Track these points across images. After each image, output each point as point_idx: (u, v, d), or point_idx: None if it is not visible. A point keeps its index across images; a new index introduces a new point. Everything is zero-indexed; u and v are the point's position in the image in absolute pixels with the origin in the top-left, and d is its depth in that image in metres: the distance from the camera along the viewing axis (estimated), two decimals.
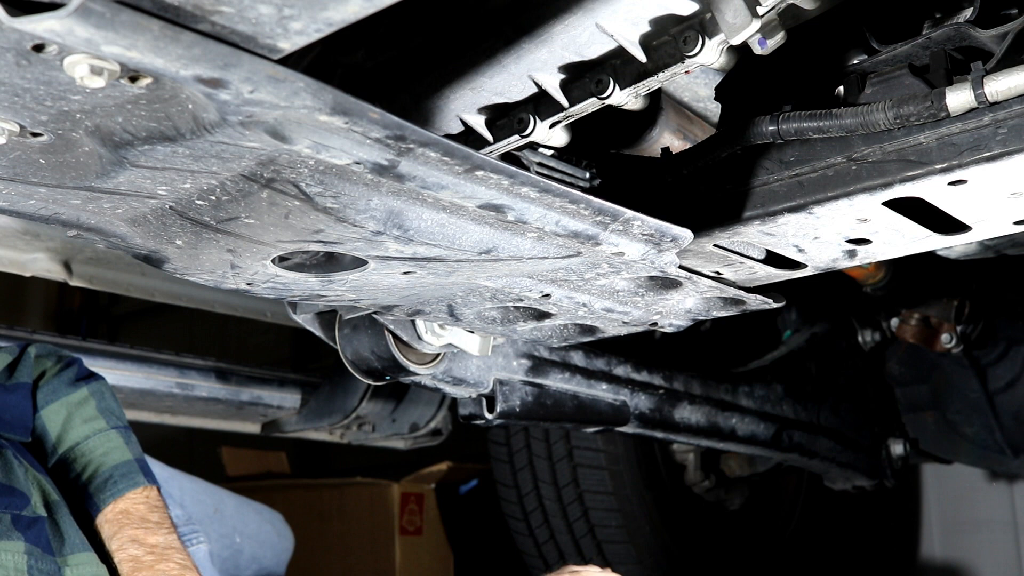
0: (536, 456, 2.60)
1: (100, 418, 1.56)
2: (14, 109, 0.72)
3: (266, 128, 0.72)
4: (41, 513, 1.38)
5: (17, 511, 1.34)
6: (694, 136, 1.38)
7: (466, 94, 1.05)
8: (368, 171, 0.79)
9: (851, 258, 1.21)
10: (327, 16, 0.63)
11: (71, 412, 1.56)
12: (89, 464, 1.51)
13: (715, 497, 2.81)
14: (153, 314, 5.32)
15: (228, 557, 2.13)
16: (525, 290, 1.18)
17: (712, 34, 0.91)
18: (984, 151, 0.97)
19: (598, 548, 2.53)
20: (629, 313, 1.30)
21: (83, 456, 1.52)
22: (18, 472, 1.40)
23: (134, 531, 1.46)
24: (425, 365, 1.48)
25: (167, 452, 2.34)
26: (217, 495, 2.19)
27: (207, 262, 1.03)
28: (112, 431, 1.56)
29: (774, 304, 1.31)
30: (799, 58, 1.12)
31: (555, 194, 0.90)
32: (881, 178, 1.03)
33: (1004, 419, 2.64)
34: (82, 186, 0.86)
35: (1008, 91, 0.93)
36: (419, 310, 1.28)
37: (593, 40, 0.95)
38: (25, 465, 1.44)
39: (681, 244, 1.05)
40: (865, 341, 2.77)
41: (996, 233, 1.14)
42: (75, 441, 1.53)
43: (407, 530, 3.34)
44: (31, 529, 1.34)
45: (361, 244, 0.95)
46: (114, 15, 0.57)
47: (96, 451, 1.52)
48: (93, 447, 1.53)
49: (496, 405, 1.60)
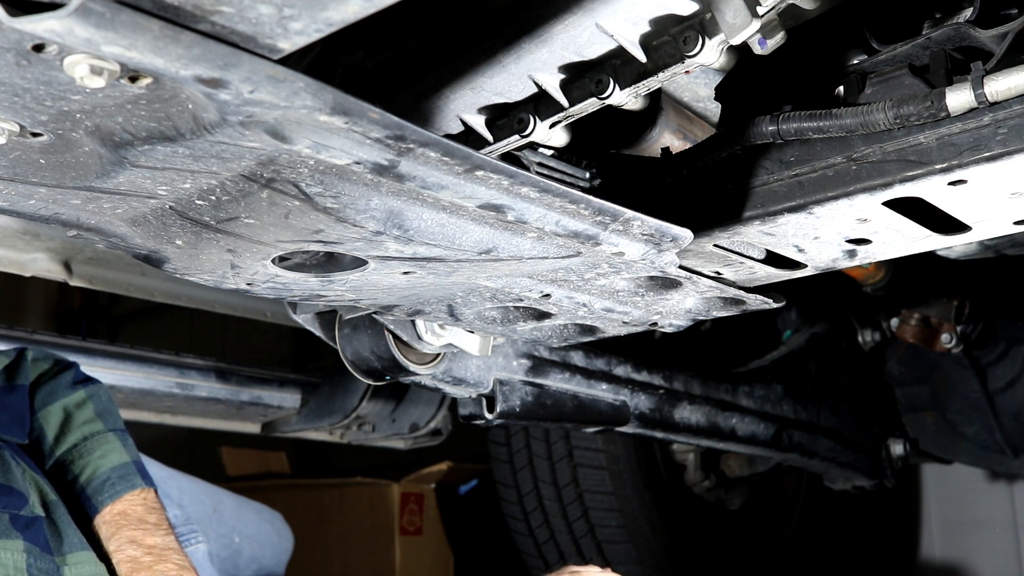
0: (536, 456, 2.60)
1: (98, 420, 1.57)
2: (14, 109, 0.72)
3: (266, 128, 0.72)
4: (39, 513, 1.38)
5: (16, 511, 1.34)
6: (694, 136, 1.38)
7: (466, 94, 1.05)
8: (368, 171, 0.79)
9: (851, 258, 1.21)
10: (327, 16, 0.63)
11: (69, 414, 1.56)
12: (87, 466, 1.51)
13: (715, 497, 2.81)
14: (153, 314, 5.32)
15: (227, 557, 2.13)
16: (525, 290, 1.18)
17: (712, 34, 0.91)
18: (984, 151, 0.97)
19: (598, 548, 2.53)
20: (629, 313, 1.30)
21: (80, 458, 1.52)
22: (16, 472, 1.40)
23: (132, 532, 1.46)
24: (425, 365, 1.48)
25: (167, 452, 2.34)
26: (216, 495, 2.19)
27: (207, 262, 1.03)
28: (109, 433, 1.56)
29: (774, 304, 1.31)
30: (799, 58, 1.12)
31: (555, 194, 0.90)
32: (881, 178, 1.03)
33: (1004, 419, 2.64)
34: (82, 186, 0.86)
35: (1008, 91, 0.93)
36: (419, 310, 1.28)
37: (593, 40, 0.95)
38: (23, 466, 1.44)
39: (681, 244, 1.05)
40: (865, 341, 2.77)
41: (996, 233, 1.13)
42: (72, 443, 1.54)
43: (407, 530, 3.34)
44: (29, 528, 1.34)
45: (361, 244, 0.95)
46: (114, 15, 0.57)
47: (93, 453, 1.53)
48: (90, 449, 1.53)
49: (496, 405, 1.60)
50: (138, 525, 1.48)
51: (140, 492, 1.52)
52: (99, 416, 1.57)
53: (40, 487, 1.43)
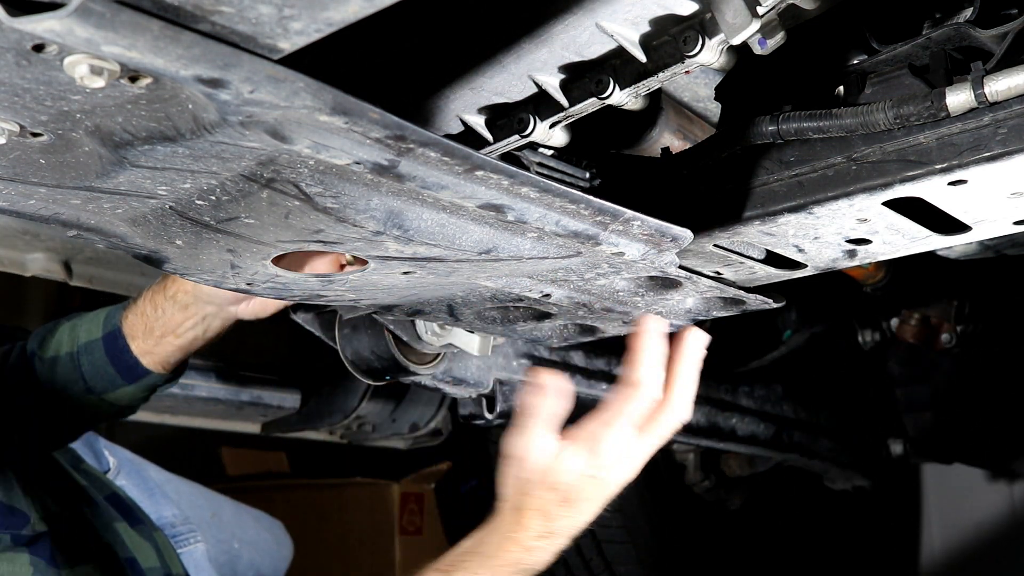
0: None
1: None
2: (14, 109, 0.72)
3: (266, 128, 0.72)
4: (41, 529, 1.38)
5: (17, 530, 1.35)
6: (694, 136, 1.38)
7: (466, 94, 1.05)
8: (368, 171, 0.79)
9: (851, 258, 1.21)
10: (327, 16, 0.63)
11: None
12: (79, 329, 1.56)
13: (715, 497, 2.81)
14: None
15: (226, 562, 2.13)
16: (525, 290, 1.18)
17: (712, 34, 0.91)
18: (984, 151, 0.96)
19: (598, 548, 2.53)
20: (629, 313, 1.30)
21: (70, 337, 1.55)
22: (18, 489, 1.40)
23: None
24: (425, 365, 1.48)
25: (167, 452, 2.34)
26: (215, 501, 2.19)
27: (207, 262, 1.03)
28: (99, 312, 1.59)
29: (774, 304, 1.31)
30: (799, 58, 1.12)
31: (555, 194, 0.90)
32: (881, 178, 1.03)
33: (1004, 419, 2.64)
34: (82, 186, 0.86)
35: (1008, 91, 0.93)
36: (419, 310, 1.28)
37: (593, 40, 0.95)
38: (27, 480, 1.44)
39: (681, 244, 1.05)
40: (865, 341, 2.77)
41: (996, 233, 1.13)
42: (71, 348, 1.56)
43: (407, 530, 3.34)
44: (34, 544, 1.34)
45: (361, 244, 0.95)
46: (114, 15, 0.57)
47: (78, 328, 1.57)
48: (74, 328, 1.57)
49: (496, 405, 1.60)
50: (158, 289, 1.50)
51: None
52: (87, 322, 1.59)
53: (44, 503, 1.44)
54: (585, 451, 1.11)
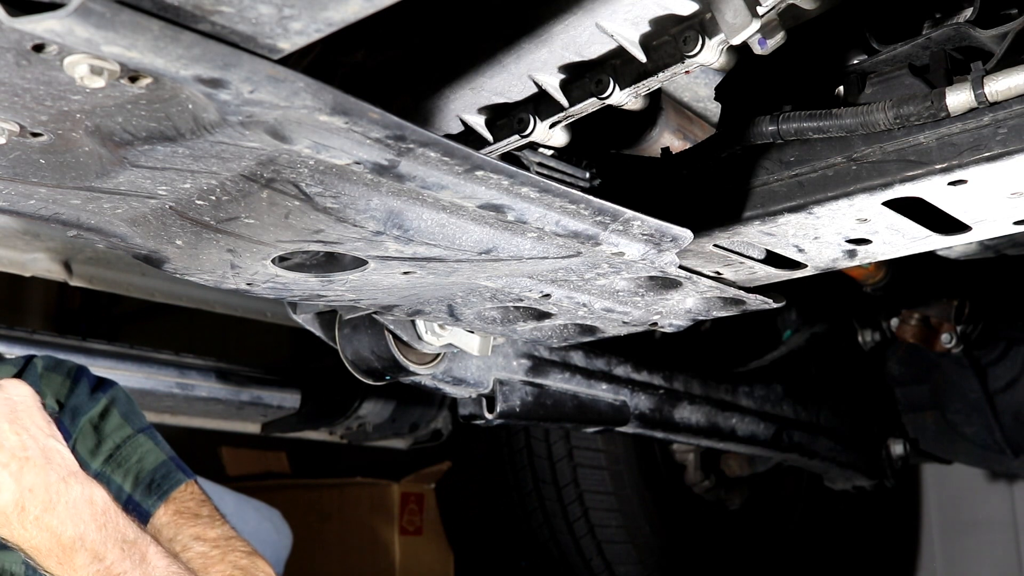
0: (536, 456, 2.59)
1: (125, 425, 1.56)
2: (14, 109, 0.72)
3: (266, 128, 0.72)
4: None
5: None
6: (694, 136, 1.38)
7: (466, 94, 1.05)
8: (368, 171, 0.79)
9: (851, 258, 1.21)
10: (327, 16, 0.63)
11: (96, 427, 1.55)
12: (127, 474, 1.51)
13: (715, 497, 2.81)
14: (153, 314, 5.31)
15: None
16: (525, 290, 1.18)
17: (712, 34, 0.91)
18: (984, 151, 0.96)
19: (598, 548, 2.53)
20: (629, 313, 1.30)
21: (119, 467, 1.52)
22: None
23: (192, 529, 1.48)
24: (425, 365, 1.48)
25: None
26: (216, 492, 2.20)
27: (207, 262, 1.03)
28: (139, 435, 1.56)
29: (774, 304, 1.31)
30: (799, 58, 1.12)
31: (555, 194, 0.90)
32: (881, 178, 1.03)
33: (1004, 419, 2.64)
34: (82, 186, 0.86)
35: (1008, 91, 0.93)
36: (419, 310, 1.28)
37: (593, 40, 0.95)
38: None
39: (681, 244, 1.05)
40: (865, 341, 2.77)
41: (996, 233, 1.13)
42: (107, 454, 1.53)
43: (407, 530, 3.34)
44: None
45: (361, 244, 0.95)
46: (114, 15, 0.57)
47: (130, 459, 1.53)
48: (126, 456, 1.53)
49: (496, 405, 1.60)
50: (195, 521, 1.49)
51: (185, 487, 1.52)
52: (125, 419, 1.56)
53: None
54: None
